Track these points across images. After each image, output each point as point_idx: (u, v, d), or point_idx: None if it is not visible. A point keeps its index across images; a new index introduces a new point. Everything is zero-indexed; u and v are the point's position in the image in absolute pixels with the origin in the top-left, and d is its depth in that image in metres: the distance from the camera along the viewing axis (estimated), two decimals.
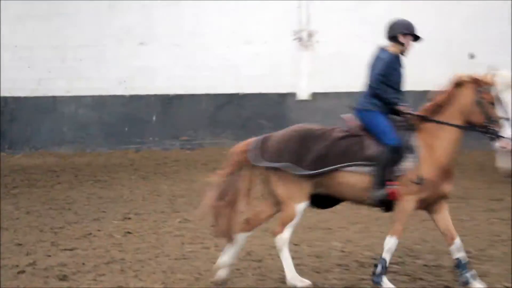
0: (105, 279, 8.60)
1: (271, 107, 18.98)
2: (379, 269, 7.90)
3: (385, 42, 8.43)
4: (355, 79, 18.25)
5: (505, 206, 12.38)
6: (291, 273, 7.99)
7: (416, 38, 8.38)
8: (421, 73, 15.64)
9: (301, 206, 8.03)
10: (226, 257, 8.28)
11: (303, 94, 18.91)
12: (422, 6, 17.85)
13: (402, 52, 8.36)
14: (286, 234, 8.05)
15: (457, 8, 18.31)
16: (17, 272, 8.97)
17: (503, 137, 7.97)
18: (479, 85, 8.05)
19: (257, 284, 8.26)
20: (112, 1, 19.28)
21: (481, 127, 8.08)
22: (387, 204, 8.07)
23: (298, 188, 8.00)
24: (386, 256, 7.94)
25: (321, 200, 8.31)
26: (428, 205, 8.11)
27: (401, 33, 8.31)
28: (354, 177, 7.99)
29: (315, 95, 18.89)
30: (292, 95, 18.97)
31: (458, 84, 8.09)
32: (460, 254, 8.07)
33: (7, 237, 10.84)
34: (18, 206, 13.18)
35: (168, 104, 19.07)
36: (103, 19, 19.27)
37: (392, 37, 8.35)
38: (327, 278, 8.42)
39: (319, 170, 7.91)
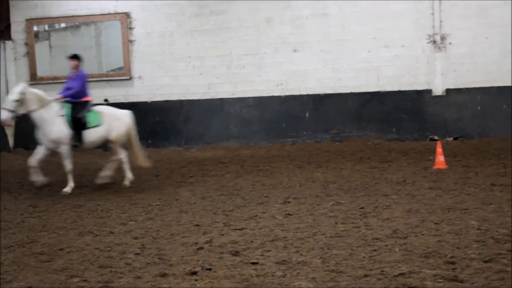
0: (271, 254, 8.59)
1: (409, 102, 18.72)
2: None
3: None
4: (484, 76, 17.99)
5: None
6: None
7: None
8: None
9: None
10: None
11: (437, 90, 18.54)
12: None
13: None
14: None
15: None
16: (197, 248, 9.08)
17: None
18: None
19: (404, 258, 8.08)
20: (269, 15, 19.39)
21: None
22: None
23: None
24: None
25: None
26: None
27: None
28: None
29: (448, 91, 18.50)
30: (428, 91, 18.63)
31: None
32: None
33: (186, 219, 10.99)
34: (194, 193, 13.37)
35: (319, 102, 19.03)
36: (261, 31, 19.41)
37: None
38: (467, 253, 8.15)
39: None
